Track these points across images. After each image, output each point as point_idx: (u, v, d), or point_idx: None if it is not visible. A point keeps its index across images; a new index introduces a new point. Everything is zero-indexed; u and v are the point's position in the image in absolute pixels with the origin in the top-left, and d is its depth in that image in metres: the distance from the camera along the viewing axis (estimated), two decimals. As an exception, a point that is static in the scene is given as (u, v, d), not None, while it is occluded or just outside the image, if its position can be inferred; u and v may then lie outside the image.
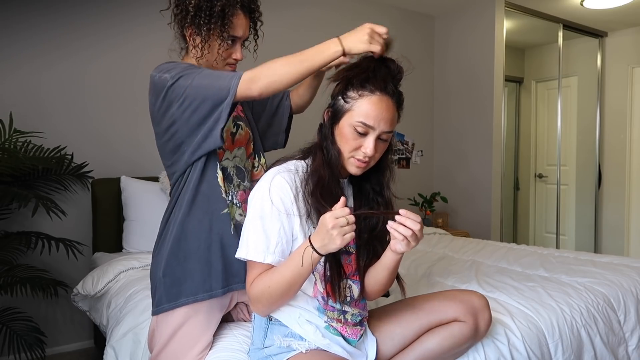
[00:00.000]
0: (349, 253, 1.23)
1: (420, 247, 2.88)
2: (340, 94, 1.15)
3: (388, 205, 1.25)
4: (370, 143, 1.13)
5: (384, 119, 1.12)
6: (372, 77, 1.13)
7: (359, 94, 1.13)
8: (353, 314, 1.23)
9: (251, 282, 1.14)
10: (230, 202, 1.37)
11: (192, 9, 1.29)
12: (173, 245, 1.33)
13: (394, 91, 1.15)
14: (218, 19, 1.28)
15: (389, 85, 1.13)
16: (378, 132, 1.13)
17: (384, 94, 1.12)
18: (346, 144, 1.15)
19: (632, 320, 1.88)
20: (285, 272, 1.08)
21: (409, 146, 4.13)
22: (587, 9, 3.88)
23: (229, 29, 1.30)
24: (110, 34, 2.76)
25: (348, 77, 1.14)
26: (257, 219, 1.13)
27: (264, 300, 1.12)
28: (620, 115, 4.52)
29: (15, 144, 2.39)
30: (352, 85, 1.13)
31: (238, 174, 1.42)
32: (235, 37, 1.33)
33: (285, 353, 1.17)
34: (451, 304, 1.27)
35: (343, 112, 1.14)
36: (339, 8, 3.65)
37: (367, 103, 1.12)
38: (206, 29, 1.28)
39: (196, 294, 1.31)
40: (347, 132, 1.14)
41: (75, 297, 2.26)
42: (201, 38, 1.30)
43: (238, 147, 1.42)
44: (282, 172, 1.16)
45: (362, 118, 1.11)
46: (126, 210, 2.59)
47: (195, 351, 1.31)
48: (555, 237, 4.38)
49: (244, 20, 1.34)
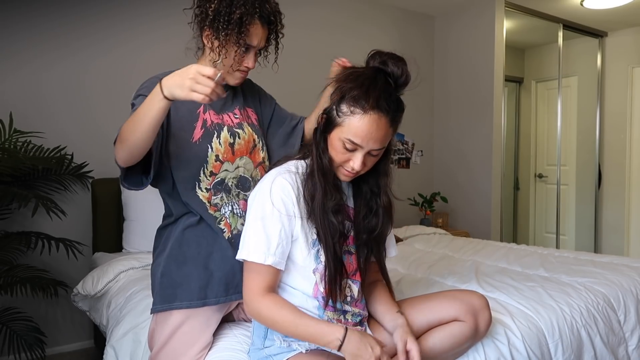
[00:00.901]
0: (350, 253, 1.24)
1: (420, 247, 2.88)
2: (334, 104, 1.14)
3: (387, 209, 1.25)
4: (358, 160, 1.13)
5: (373, 139, 1.11)
6: (365, 95, 1.08)
7: (350, 110, 1.10)
8: (353, 313, 1.23)
9: (251, 286, 1.13)
10: (228, 214, 1.37)
11: (212, 13, 1.29)
12: (173, 248, 1.35)
13: (388, 109, 1.10)
14: (235, 26, 1.28)
15: (383, 103, 1.09)
16: (367, 150, 1.13)
17: (376, 112, 1.09)
18: (336, 155, 1.16)
19: (632, 320, 1.87)
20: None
21: (409, 146, 4.13)
22: (587, 9, 3.88)
23: (245, 37, 1.30)
24: (110, 33, 2.76)
25: (343, 89, 1.12)
26: (257, 220, 1.13)
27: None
28: (620, 115, 4.52)
29: (15, 144, 2.39)
30: (345, 99, 1.11)
31: (239, 184, 1.40)
32: (250, 45, 1.33)
33: (286, 353, 1.17)
34: (451, 303, 1.27)
35: (334, 124, 1.14)
36: (339, 7, 3.65)
37: (357, 121, 1.09)
38: (224, 34, 1.28)
39: (190, 300, 1.32)
40: (336, 145, 1.14)
41: (75, 297, 2.26)
42: (219, 42, 1.30)
43: (240, 156, 1.40)
44: (284, 173, 1.16)
45: (351, 136, 1.10)
46: (126, 210, 2.59)
47: (195, 350, 1.31)
48: (555, 237, 4.38)
49: (261, 30, 1.33)
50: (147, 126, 1.08)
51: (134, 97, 1.30)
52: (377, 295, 1.30)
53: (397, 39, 4.01)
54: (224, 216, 1.37)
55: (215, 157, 1.34)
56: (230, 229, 1.37)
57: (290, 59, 1.54)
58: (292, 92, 2.70)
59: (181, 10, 1.51)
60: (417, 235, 3.25)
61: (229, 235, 1.37)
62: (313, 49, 3.47)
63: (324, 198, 1.14)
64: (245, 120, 1.44)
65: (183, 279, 1.33)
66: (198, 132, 1.34)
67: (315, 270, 1.17)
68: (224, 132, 1.37)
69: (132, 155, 1.15)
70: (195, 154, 1.33)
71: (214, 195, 1.35)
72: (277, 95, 1.70)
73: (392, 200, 1.26)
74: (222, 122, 1.38)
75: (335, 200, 1.16)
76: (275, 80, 1.69)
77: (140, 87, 1.32)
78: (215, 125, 1.36)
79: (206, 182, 1.34)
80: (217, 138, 1.35)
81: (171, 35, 2.88)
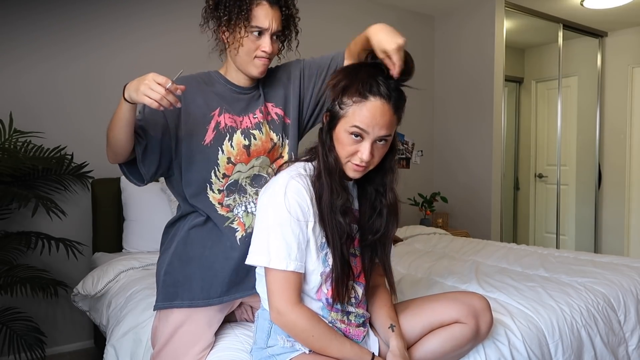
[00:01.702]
0: (355, 255, 1.24)
1: (420, 247, 2.88)
2: (336, 99, 1.15)
3: (392, 208, 1.25)
4: (366, 148, 1.12)
5: (379, 124, 1.11)
6: (366, 83, 1.11)
7: (352, 100, 1.12)
8: (357, 315, 1.23)
9: (284, 296, 1.12)
10: (242, 213, 1.37)
11: (212, 3, 1.29)
12: (178, 246, 1.35)
13: (390, 94, 1.12)
14: (235, 7, 1.25)
15: (381, 88, 1.11)
16: (373, 137, 1.12)
17: (377, 98, 1.10)
18: (343, 149, 1.15)
19: (632, 320, 1.88)
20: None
21: (409, 146, 4.13)
22: (587, 8, 3.88)
23: (252, 19, 1.27)
24: (111, 34, 2.76)
25: (343, 83, 1.13)
26: (276, 227, 1.12)
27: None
28: (620, 115, 4.52)
29: (15, 144, 2.39)
30: (346, 92, 1.13)
31: (254, 182, 1.39)
32: (260, 28, 1.29)
33: (289, 353, 1.17)
34: (452, 305, 1.27)
35: (339, 117, 1.14)
36: (338, 7, 3.65)
37: (361, 108, 1.11)
38: (227, 20, 1.26)
39: (192, 300, 1.32)
40: (343, 137, 1.14)
41: (75, 297, 2.26)
42: (229, 33, 1.29)
43: (256, 157, 1.38)
44: (296, 177, 1.15)
45: (357, 122, 1.11)
46: (126, 210, 2.59)
47: (197, 350, 1.31)
48: (555, 237, 4.38)
49: (270, 11, 1.29)
50: (119, 127, 1.18)
51: None
52: (375, 304, 1.30)
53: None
54: (237, 216, 1.37)
55: (227, 160, 1.34)
56: (245, 227, 1.36)
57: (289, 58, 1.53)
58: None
59: (181, 11, 1.51)
60: (417, 235, 3.25)
61: (242, 234, 1.36)
62: (313, 49, 3.44)
63: (331, 197, 1.14)
64: (265, 118, 1.41)
65: (186, 278, 1.33)
66: (210, 134, 1.33)
67: (322, 273, 1.17)
68: (237, 134, 1.35)
69: (116, 154, 1.24)
70: (205, 157, 1.33)
71: (226, 196, 1.35)
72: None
73: (397, 197, 1.25)
74: (235, 125, 1.36)
75: (342, 199, 1.15)
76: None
77: None
78: (229, 128, 1.35)
79: (219, 184, 1.34)
80: (229, 141, 1.34)
81: (172, 36, 2.88)
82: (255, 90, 1.42)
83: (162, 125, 1.30)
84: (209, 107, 1.35)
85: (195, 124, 1.33)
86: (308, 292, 1.18)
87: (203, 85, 1.37)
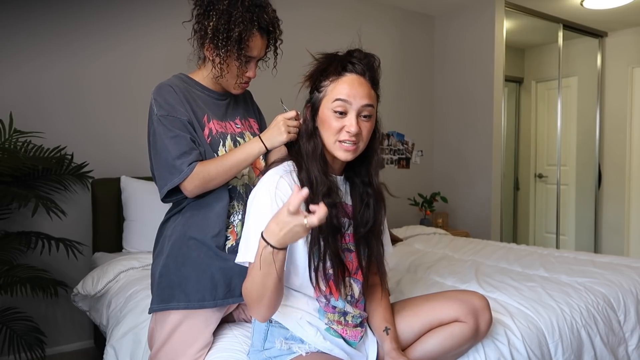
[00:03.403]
0: (350, 250, 1.23)
1: (420, 247, 2.88)
2: (314, 88, 1.20)
3: (378, 195, 1.25)
4: (352, 120, 1.14)
5: (359, 94, 1.15)
6: (339, 64, 1.17)
7: (329, 80, 1.17)
8: (354, 315, 1.23)
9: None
10: (237, 222, 1.38)
11: (210, 31, 1.30)
12: (173, 248, 1.34)
13: (363, 70, 1.17)
14: (235, 43, 1.30)
15: (357, 66, 1.17)
16: (357, 107, 1.14)
17: (353, 73, 1.16)
18: (329, 129, 1.16)
19: (632, 320, 1.88)
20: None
21: (409, 146, 4.13)
22: (587, 9, 3.88)
23: (246, 51, 1.33)
24: (110, 33, 2.76)
25: (318, 69, 1.19)
26: (257, 226, 1.11)
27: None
28: (620, 115, 4.52)
29: (15, 144, 2.39)
30: (322, 77, 1.18)
31: (248, 192, 1.39)
32: (251, 57, 1.36)
33: (286, 355, 1.17)
34: (452, 304, 1.27)
35: (319, 100, 1.18)
36: (338, 7, 3.65)
37: (339, 83, 1.16)
38: (224, 51, 1.31)
39: (187, 302, 1.32)
40: (327, 116, 1.16)
41: (75, 297, 2.26)
42: (220, 59, 1.32)
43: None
44: (284, 175, 1.16)
45: (338, 95, 1.15)
46: (126, 210, 2.59)
47: (194, 349, 1.31)
48: (555, 237, 4.38)
49: (261, 41, 1.36)
50: (238, 170, 1.30)
51: (159, 113, 1.30)
52: (372, 305, 1.30)
53: (397, 39, 4.01)
54: (232, 224, 1.38)
55: None
56: (237, 237, 1.37)
57: (289, 59, 1.54)
58: (291, 93, 2.69)
59: (180, 12, 1.51)
60: (417, 235, 3.25)
61: (232, 244, 1.36)
62: (312, 49, 3.46)
63: (314, 185, 1.14)
64: (248, 130, 1.46)
65: (181, 280, 1.33)
66: (207, 141, 1.35)
67: (315, 269, 1.16)
68: (227, 140, 1.38)
69: (208, 189, 1.31)
70: None
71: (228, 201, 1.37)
72: (276, 95, 1.69)
73: (381, 183, 1.26)
74: (225, 131, 1.39)
75: (325, 186, 1.15)
76: (274, 80, 1.69)
77: (158, 98, 1.32)
78: (220, 133, 1.38)
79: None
80: (223, 146, 1.37)
81: (170, 36, 2.87)
82: (229, 97, 1.47)
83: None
84: (200, 114, 1.36)
85: (198, 133, 1.35)
86: (306, 292, 1.18)
87: (186, 92, 1.37)
